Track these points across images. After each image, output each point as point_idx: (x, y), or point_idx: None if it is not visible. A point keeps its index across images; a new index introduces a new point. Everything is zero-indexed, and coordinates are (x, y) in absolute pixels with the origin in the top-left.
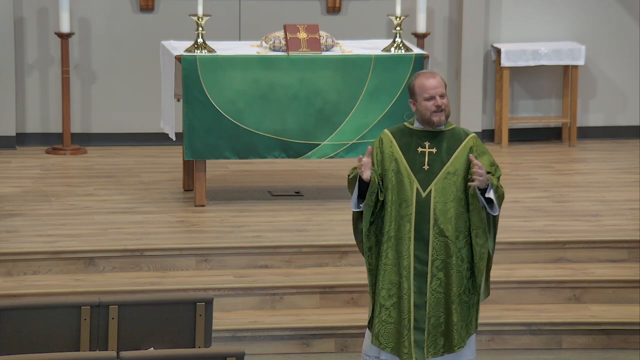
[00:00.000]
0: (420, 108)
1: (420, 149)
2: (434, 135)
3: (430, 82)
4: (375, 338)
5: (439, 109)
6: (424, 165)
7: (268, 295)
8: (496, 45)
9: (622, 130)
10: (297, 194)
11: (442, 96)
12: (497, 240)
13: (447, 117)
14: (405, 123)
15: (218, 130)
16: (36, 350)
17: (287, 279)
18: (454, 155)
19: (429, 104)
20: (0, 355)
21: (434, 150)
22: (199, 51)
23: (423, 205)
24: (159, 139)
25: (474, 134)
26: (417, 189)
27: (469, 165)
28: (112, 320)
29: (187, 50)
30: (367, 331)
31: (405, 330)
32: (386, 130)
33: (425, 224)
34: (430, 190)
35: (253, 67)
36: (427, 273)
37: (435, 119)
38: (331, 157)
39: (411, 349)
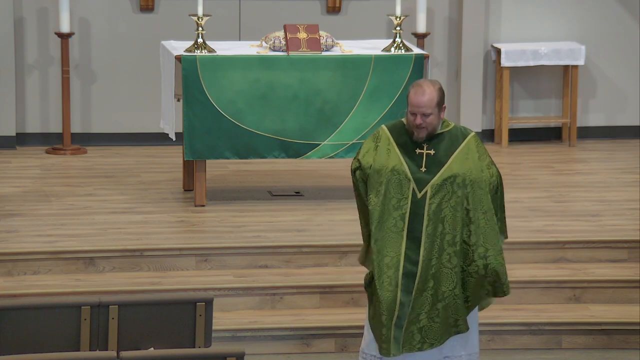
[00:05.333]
0: (407, 118)
1: (418, 150)
2: (432, 136)
3: (417, 100)
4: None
5: (419, 126)
6: (422, 167)
7: (268, 295)
8: (496, 45)
9: (622, 130)
10: (297, 194)
11: (425, 115)
12: None
13: (429, 135)
14: (403, 120)
15: (218, 130)
16: (36, 350)
17: (287, 279)
18: (451, 158)
19: (411, 119)
20: (0, 355)
21: (432, 152)
22: (199, 51)
23: (418, 206)
24: (159, 139)
25: (474, 133)
26: (414, 189)
27: (467, 166)
28: (112, 320)
29: (187, 50)
30: (366, 329)
31: (386, 327)
32: (384, 126)
33: (419, 224)
34: (426, 191)
35: (253, 67)
36: (416, 273)
37: (415, 133)
38: (331, 157)
39: (390, 345)
